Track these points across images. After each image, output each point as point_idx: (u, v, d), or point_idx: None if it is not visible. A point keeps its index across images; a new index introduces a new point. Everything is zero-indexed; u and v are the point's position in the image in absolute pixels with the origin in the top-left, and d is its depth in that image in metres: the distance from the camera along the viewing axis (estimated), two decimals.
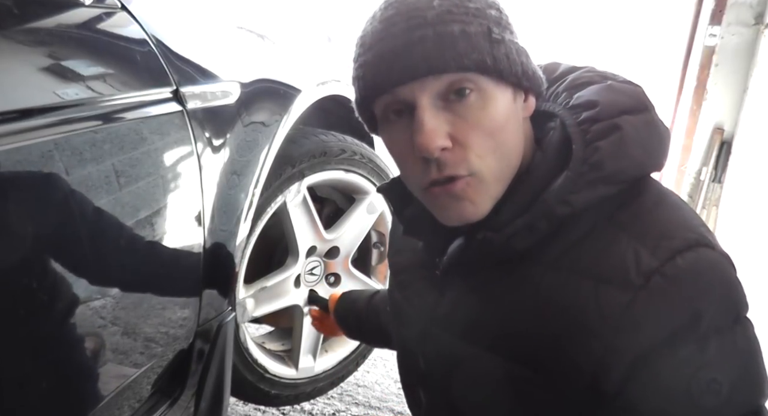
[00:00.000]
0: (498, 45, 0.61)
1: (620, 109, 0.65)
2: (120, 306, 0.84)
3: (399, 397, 2.03)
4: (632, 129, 0.63)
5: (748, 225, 2.41)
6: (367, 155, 1.62)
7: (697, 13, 3.15)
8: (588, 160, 0.63)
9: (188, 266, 0.99)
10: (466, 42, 0.60)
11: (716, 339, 0.59)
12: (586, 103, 0.66)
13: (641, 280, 0.58)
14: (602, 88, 0.68)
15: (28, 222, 0.69)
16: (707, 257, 0.60)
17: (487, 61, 0.61)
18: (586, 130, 0.64)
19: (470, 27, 0.60)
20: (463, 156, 0.62)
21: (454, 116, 0.62)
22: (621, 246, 0.61)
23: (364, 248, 1.77)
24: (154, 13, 1.00)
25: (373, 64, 0.63)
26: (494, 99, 0.62)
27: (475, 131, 0.62)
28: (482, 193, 0.64)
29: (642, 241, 0.60)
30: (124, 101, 0.85)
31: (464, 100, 0.62)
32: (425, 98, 0.62)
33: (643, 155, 0.64)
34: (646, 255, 0.59)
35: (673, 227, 0.62)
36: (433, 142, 0.61)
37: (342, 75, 1.62)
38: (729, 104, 3.03)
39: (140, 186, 0.86)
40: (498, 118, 0.63)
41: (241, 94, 1.13)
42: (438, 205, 0.66)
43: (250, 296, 1.46)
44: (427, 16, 0.60)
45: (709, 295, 0.59)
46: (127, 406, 0.93)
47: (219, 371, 1.12)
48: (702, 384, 0.58)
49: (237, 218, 1.12)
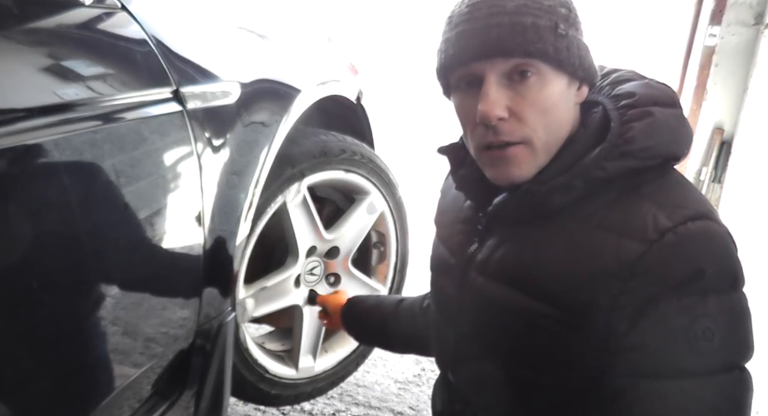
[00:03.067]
0: (561, 38, 0.73)
1: (654, 100, 0.76)
2: (120, 306, 0.84)
3: (399, 397, 2.03)
4: (663, 117, 0.74)
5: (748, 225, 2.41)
6: (367, 155, 1.62)
7: (697, 13, 3.15)
8: (623, 135, 0.73)
9: (188, 266, 0.99)
10: (534, 33, 0.71)
11: (715, 296, 0.69)
12: (626, 94, 0.78)
13: (656, 236, 0.69)
14: (641, 84, 0.79)
15: (28, 222, 0.69)
16: (714, 228, 0.71)
17: (549, 51, 0.72)
18: (624, 113, 0.76)
19: (540, 20, 0.72)
20: (518, 127, 0.74)
21: (515, 93, 0.74)
22: (643, 209, 0.71)
23: (364, 248, 1.77)
24: (154, 13, 1.00)
25: (455, 41, 0.75)
26: (551, 83, 0.74)
27: (531, 108, 0.74)
28: (530, 160, 0.76)
29: (661, 207, 0.71)
30: (124, 101, 0.85)
31: (525, 81, 0.73)
32: (493, 75, 0.73)
33: (669, 139, 0.74)
34: (663, 217, 0.70)
35: (689, 201, 0.73)
36: (493, 111, 0.73)
37: (342, 75, 1.62)
38: (729, 104, 3.03)
39: (140, 186, 0.86)
40: (551, 99, 0.74)
41: (241, 94, 1.13)
42: (490, 164, 0.78)
43: (250, 296, 1.46)
44: (506, 7, 0.72)
45: (712, 257, 0.70)
46: (127, 406, 0.93)
47: (219, 371, 1.12)
48: (698, 330, 0.68)
49: (237, 218, 1.12)
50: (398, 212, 1.77)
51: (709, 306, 0.69)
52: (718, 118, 3.07)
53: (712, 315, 0.69)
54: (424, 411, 1.99)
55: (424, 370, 2.25)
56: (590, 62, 0.77)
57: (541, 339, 0.76)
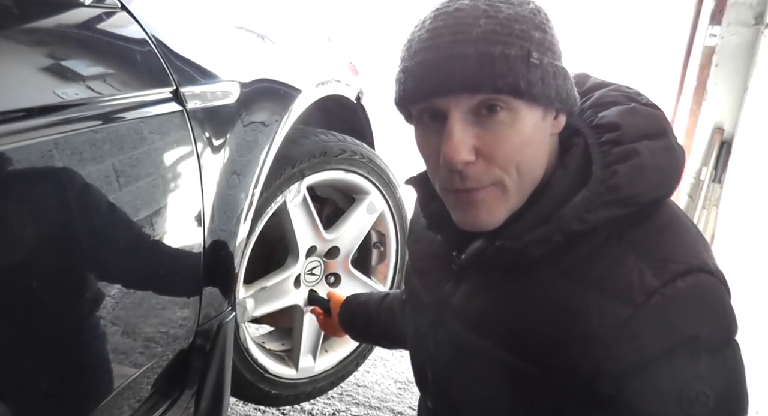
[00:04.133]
0: (535, 69, 0.64)
1: (641, 133, 0.68)
2: (120, 306, 0.84)
3: (399, 397, 2.03)
4: (650, 154, 0.67)
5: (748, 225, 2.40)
6: (367, 155, 1.62)
7: (697, 13, 3.15)
8: (606, 182, 0.66)
9: (188, 266, 0.99)
10: (504, 64, 0.62)
11: (708, 356, 0.64)
12: (609, 125, 0.70)
13: (642, 298, 0.63)
14: (626, 111, 0.71)
15: (28, 222, 0.69)
16: (706, 282, 0.64)
17: (520, 85, 0.63)
18: (607, 152, 0.68)
19: (511, 49, 0.63)
20: (486, 169, 0.66)
21: (483, 131, 0.65)
22: (628, 264, 0.65)
23: (364, 248, 1.77)
24: (154, 13, 1.00)
25: (415, 73, 0.66)
26: (523, 118, 0.65)
27: (501, 146, 0.65)
28: (501, 203, 0.68)
29: (647, 262, 0.64)
30: (124, 101, 0.85)
31: (494, 116, 0.65)
32: (457, 112, 0.65)
33: (658, 180, 0.68)
34: (650, 275, 0.63)
35: (678, 251, 0.66)
36: (458, 155, 0.65)
37: (342, 75, 1.62)
38: (729, 104, 3.03)
39: (140, 186, 0.86)
40: (524, 136, 0.66)
41: (241, 94, 1.13)
42: (456, 208, 0.70)
43: (250, 296, 1.46)
44: (471, 34, 0.63)
45: (704, 317, 0.64)
46: (127, 406, 0.93)
47: (219, 371, 1.12)
48: (692, 395, 0.63)
49: (237, 218, 1.12)
50: (398, 212, 1.77)
51: (702, 368, 0.64)
52: (718, 118, 3.07)
53: (705, 377, 0.64)
54: None
55: None
56: (568, 90, 0.69)
57: (519, 392, 0.72)
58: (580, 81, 0.76)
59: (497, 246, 0.70)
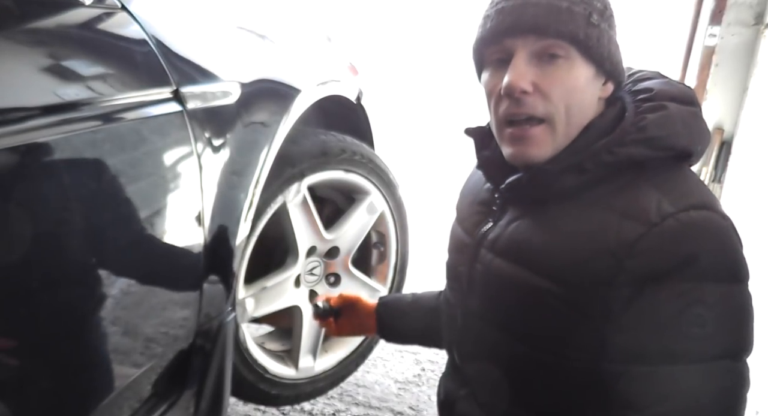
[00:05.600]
0: (593, 28, 0.75)
1: (670, 96, 0.78)
2: (120, 307, 0.84)
3: (399, 397, 2.03)
4: (677, 111, 0.77)
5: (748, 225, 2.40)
6: (367, 155, 1.62)
7: (697, 13, 3.15)
8: (636, 124, 0.76)
9: (188, 266, 0.99)
10: (568, 16, 0.74)
11: (712, 284, 0.70)
12: (645, 89, 0.81)
13: (657, 219, 0.70)
14: (660, 81, 0.82)
15: (29, 222, 0.69)
16: (716, 219, 0.72)
17: (579, 35, 0.74)
18: (639, 105, 0.78)
19: (576, 7, 0.75)
20: (541, 102, 0.76)
21: (542, 72, 0.76)
22: (648, 195, 0.73)
23: (364, 248, 1.77)
24: (154, 13, 1.00)
25: (493, 16, 0.78)
26: (578, 68, 0.76)
27: (556, 86, 0.76)
28: (549, 141, 0.78)
29: (667, 195, 0.72)
30: (124, 101, 0.85)
31: (554, 62, 0.76)
32: (523, 52, 0.76)
33: (682, 132, 0.76)
34: (666, 203, 0.71)
35: (696, 192, 0.74)
36: (519, 82, 0.75)
37: (342, 75, 1.62)
38: (729, 104, 3.03)
39: (140, 186, 0.86)
40: (577, 83, 0.77)
41: (241, 94, 1.13)
42: (510, 142, 0.80)
43: (250, 296, 1.46)
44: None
45: (710, 245, 0.70)
46: (127, 406, 0.93)
47: (219, 371, 1.12)
48: (691, 315, 0.69)
49: (237, 218, 1.12)
50: (398, 212, 1.77)
51: (704, 294, 0.69)
52: (718, 118, 3.07)
53: (706, 302, 0.69)
54: (424, 411, 1.99)
55: (424, 370, 2.25)
56: (618, 59, 0.80)
57: (544, 316, 0.78)
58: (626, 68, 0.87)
59: (537, 169, 0.78)
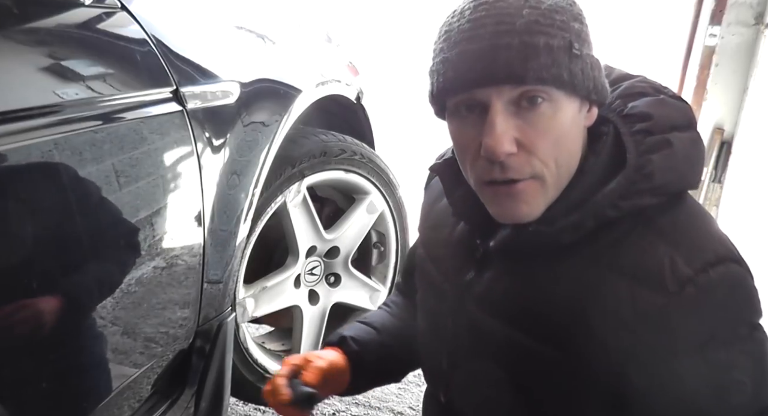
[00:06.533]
0: (576, 60, 0.65)
1: (671, 124, 0.70)
2: (120, 306, 0.84)
3: (399, 397, 2.03)
4: (681, 145, 0.69)
5: (748, 225, 2.40)
6: (367, 155, 1.62)
7: (697, 13, 3.14)
8: (641, 170, 0.67)
9: (188, 266, 0.99)
10: (548, 55, 0.63)
11: (741, 345, 0.65)
12: (641, 115, 0.70)
13: (675, 287, 0.63)
14: (655, 102, 0.72)
15: (29, 222, 0.70)
16: (734, 272, 0.66)
17: (563, 76, 0.64)
18: (640, 141, 0.69)
19: (554, 40, 0.63)
20: (527, 160, 0.66)
21: (524, 122, 0.65)
22: (658, 252, 0.65)
23: (364, 248, 1.77)
24: (154, 13, 1.00)
25: (456, 63, 0.66)
26: (563, 109, 0.66)
27: (542, 138, 0.66)
28: (539, 196, 0.68)
29: (678, 249, 0.65)
30: (124, 101, 0.85)
31: (535, 108, 0.65)
32: (499, 103, 0.65)
33: (688, 171, 0.70)
34: (681, 263, 0.64)
35: (706, 239, 0.67)
36: (501, 147, 0.64)
37: (342, 75, 1.62)
38: (729, 104, 3.02)
39: (140, 186, 0.86)
40: (564, 127, 0.67)
41: (241, 94, 1.13)
42: (494, 201, 0.70)
43: (250, 296, 1.46)
44: (515, 24, 0.63)
45: (735, 308, 0.65)
46: (127, 406, 0.93)
47: (219, 371, 1.12)
48: (729, 384, 0.64)
49: (237, 218, 1.12)
50: (398, 212, 1.77)
51: (736, 357, 0.65)
52: (718, 118, 3.07)
53: (740, 365, 0.65)
54: None
55: None
56: (603, 82, 0.70)
57: (545, 378, 0.72)
58: (606, 72, 0.75)
59: (531, 232, 0.70)
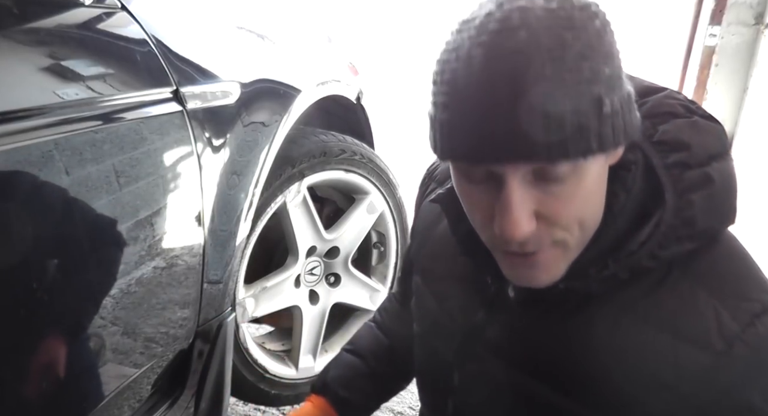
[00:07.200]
0: (606, 119, 0.54)
1: (709, 153, 0.62)
2: (120, 306, 0.84)
3: (399, 397, 2.03)
4: (721, 179, 0.62)
5: (749, 225, 2.40)
6: (367, 155, 1.62)
7: (697, 13, 3.14)
8: (680, 214, 0.60)
9: (188, 266, 0.99)
10: (575, 127, 0.52)
11: None
12: (675, 143, 0.63)
13: (723, 346, 0.59)
14: (688, 125, 0.64)
15: (28, 222, 0.69)
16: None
17: (592, 146, 0.53)
18: (678, 177, 0.61)
19: (582, 102, 0.52)
20: (548, 232, 0.59)
21: (544, 194, 0.56)
22: (699, 303, 0.60)
23: (364, 248, 1.77)
24: (154, 13, 1.00)
25: (464, 128, 0.54)
26: (588, 172, 0.56)
27: (565, 208, 0.57)
28: (561, 261, 0.61)
29: (721, 300, 0.60)
30: (124, 101, 0.85)
31: (558, 179, 0.56)
32: (516, 178, 0.55)
33: (729, 209, 0.63)
34: (727, 317, 0.59)
35: (749, 286, 0.62)
36: (521, 231, 0.56)
37: (342, 75, 1.62)
38: (729, 104, 3.02)
39: (140, 186, 0.86)
40: (589, 190, 0.58)
41: (241, 94, 1.13)
42: (510, 268, 0.63)
43: (250, 296, 1.46)
44: (536, 89, 0.51)
45: None
46: (127, 406, 0.93)
47: (219, 371, 1.12)
48: None
49: (237, 218, 1.12)
50: (398, 212, 1.77)
51: None
52: (719, 117, 3.06)
53: None
54: None
55: None
56: (634, 120, 0.57)
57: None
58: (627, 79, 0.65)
59: (562, 289, 0.63)
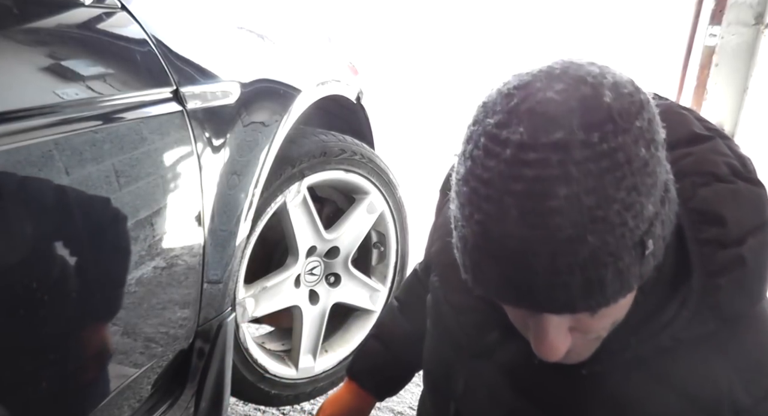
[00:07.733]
0: (648, 258, 0.51)
1: (745, 230, 0.59)
2: (120, 306, 0.84)
3: (399, 397, 2.03)
4: (753, 257, 0.59)
5: None
6: (367, 155, 1.62)
7: (697, 13, 3.14)
8: (705, 297, 0.59)
9: (188, 266, 0.99)
10: (617, 285, 0.51)
11: None
12: (713, 217, 0.59)
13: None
14: (730, 195, 0.60)
15: (28, 222, 0.69)
16: None
17: (633, 286, 0.52)
18: (709, 256, 0.59)
19: (623, 258, 0.49)
20: (583, 338, 0.59)
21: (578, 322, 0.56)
22: (715, 370, 0.61)
23: (364, 248, 1.77)
24: (154, 13, 1.00)
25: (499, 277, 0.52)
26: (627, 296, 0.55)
27: (600, 322, 0.57)
28: (592, 347, 0.62)
29: (737, 371, 0.61)
30: (124, 101, 0.85)
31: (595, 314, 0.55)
32: (554, 319, 0.55)
33: (758, 287, 0.61)
34: (740, 389, 0.60)
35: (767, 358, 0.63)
36: (555, 355, 0.57)
37: (342, 75, 1.62)
38: (729, 104, 3.03)
39: (140, 186, 0.86)
40: (625, 303, 0.57)
41: (241, 94, 1.13)
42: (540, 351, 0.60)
43: (250, 296, 1.46)
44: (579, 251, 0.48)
45: None
46: (127, 406, 0.93)
47: (219, 371, 1.12)
48: None
49: (237, 218, 1.12)
50: (398, 212, 1.77)
51: None
52: (719, 117, 3.07)
53: None
54: None
55: None
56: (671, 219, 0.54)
57: None
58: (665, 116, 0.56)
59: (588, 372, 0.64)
